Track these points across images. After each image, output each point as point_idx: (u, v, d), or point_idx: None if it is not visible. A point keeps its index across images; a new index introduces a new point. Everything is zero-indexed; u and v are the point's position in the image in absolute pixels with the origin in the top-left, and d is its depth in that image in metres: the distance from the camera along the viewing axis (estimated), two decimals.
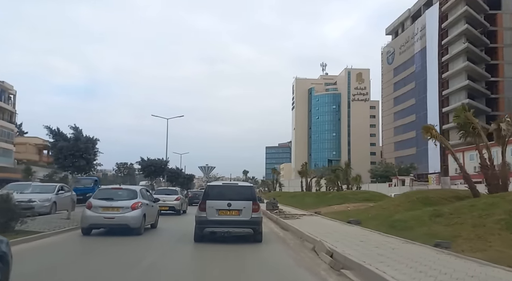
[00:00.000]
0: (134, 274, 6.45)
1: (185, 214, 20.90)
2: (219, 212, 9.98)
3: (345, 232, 11.18)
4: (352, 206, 19.32)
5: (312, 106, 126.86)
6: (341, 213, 17.01)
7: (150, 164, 36.33)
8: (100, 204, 11.38)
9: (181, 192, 23.65)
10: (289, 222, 14.17)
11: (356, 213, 15.87)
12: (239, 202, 10.05)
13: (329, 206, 21.09)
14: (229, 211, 10.00)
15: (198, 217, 10.12)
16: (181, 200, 21.41)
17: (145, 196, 12.84)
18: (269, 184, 64.54)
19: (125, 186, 15.04)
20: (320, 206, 22.43)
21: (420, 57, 74.34)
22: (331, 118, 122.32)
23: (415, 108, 75.40)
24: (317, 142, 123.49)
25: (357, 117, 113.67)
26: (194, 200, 26.98)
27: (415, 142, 75.11)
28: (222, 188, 10.76)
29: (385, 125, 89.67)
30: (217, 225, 10.12)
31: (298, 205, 24.43)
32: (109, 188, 13.82)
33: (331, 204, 21.29)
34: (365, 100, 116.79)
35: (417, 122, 74.00)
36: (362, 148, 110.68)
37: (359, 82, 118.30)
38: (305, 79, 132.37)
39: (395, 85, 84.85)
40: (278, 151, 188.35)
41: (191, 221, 10.77)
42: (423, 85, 72.06)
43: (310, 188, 41.71)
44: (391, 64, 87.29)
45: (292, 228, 12.63)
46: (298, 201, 28.96)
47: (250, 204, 10.11)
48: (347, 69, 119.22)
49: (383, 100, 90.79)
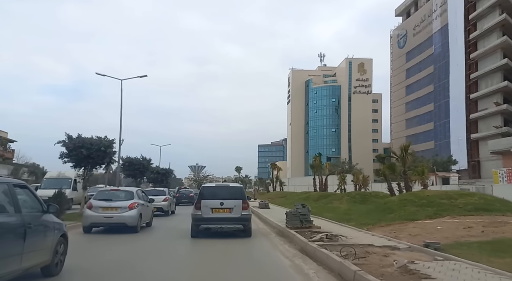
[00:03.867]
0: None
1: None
2: (212, 210, 11.06)
3: None
4: (475, 223, 8.89)
5: (309, 99, 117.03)
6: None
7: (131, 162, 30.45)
8: (100, 205, 12.28)
9: (169, 193, 23.19)
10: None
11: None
12: (230, 201, 11.13)
13: (411, 222, 10.56)
14: (221, 209, 11.09)
15: (194, 215, 11.23)
16: (169, 200, 21.27)
17: (141, 197, 13.62)
18: (268, 183, 53.76)
19: (123, 188, 16.26)
20: (382, 219, 11.94)
21: (440, 37, 64.44)
22: (330, 112, 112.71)
23: (433, 95, 65.48)
24: (314, 138, 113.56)
25: (358, 111, 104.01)
26: (182, 200, 27.33)
27: (433, 134, 65.25)
28: (215, 189, 11.87)
29: (394, 118, 79.60)
30: (211, 222, 11.09)
31: (335, 216, 13.95)
32: (108, 190, 14.76)
33: (413, 218, 10.71)
34: (367, 92, 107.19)
35: (436, 112, 64.18)
36: (364, 144, 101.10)
37: (361, 73, 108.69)
38: (302, 71, 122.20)
39: (408, 71, 74.93)
40: (271, 150, 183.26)
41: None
42: (444, 69, 62.12)
43: (325, 187, 31.31)
44: (403, 48, 77.34)
45: None
46: (329, 209, 18.53)
47: (240, 203, 11.18)
48: (348, 58, 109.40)
49: (393, 89, 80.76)
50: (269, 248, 9.38)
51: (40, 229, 5.62)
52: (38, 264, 5.56)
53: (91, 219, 12.04)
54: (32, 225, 5.23)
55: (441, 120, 62.30)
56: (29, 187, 5.85)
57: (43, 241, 5.63)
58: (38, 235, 5.49)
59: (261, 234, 12.05)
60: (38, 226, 5.53)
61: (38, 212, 5.77)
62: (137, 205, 12.35)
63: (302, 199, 28.60)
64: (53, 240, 5.93)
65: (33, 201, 5.79)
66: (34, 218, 5.52)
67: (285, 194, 42.16)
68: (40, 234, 5.56)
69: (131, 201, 12.36)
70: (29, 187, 5.85)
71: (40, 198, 5.97)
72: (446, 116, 60.69)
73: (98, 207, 12.12)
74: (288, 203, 27.74)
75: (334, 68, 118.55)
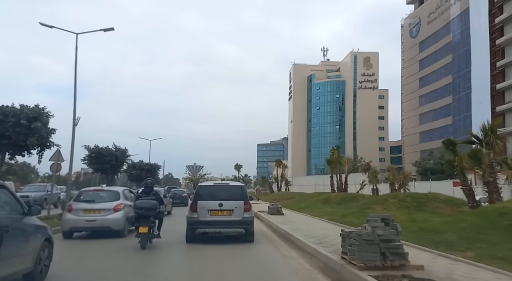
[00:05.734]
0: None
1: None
2: (210, 212, 9.75)
3: None
4: None
5: (312, 95, 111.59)
6: None
7: None
8: (81, 207, 11.05)
9: (165, 192, 21.58)
10: None
11: None
12: (230, 202, 9.84)
13: None
14: (220, 211, 9.78)
15: (190, 218, 9.88)
16: (165, 200, 17.67)
17: (128, 197, 12.28)
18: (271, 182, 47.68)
19: (107, 188, 14.61)
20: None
21: (459, 23, 58.82)
22: (334, 108, 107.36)
23: (452, 87, 59.81)
24: (317, 136, 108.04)
25: (364, 107, 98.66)
26: (174, 201, 25.34)
27: (451, 130, 59.48)
28: (213, 188, 10.47)
29: (406, 113, 73.75)
30: (208, 225, 9.89)
31: (408, 234, 7.99)
32: (91, 190, 12.85)
33: None
34: (373, 88, 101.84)
35: (455, 105, 58.54)
36: (370, 142, 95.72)
37: (366, 68, 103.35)
38: (304, 65, 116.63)
39: (422, 62, 69.21)
40: (271, 149, 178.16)
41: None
42: (464, 58, 56.51)
43: (345, 187, 25.60)
44: (416, 38, 71.61)
45: None
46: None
47: (242, 204, 9.89)
48: (353, 52, 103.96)
49: (404, 82, 74.94)
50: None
51: (20, 233, 5.16)
52: (18, 272, 5.08)
53: (71, 223, 10.90)
54: (10, 228, 4.80)
55: (461, 114, 56.65)
56: (7, 187, 5.42)
57: (24, 246, 5.18)
58: (17, 239, 5.04)
59: (294, 275, 6.24)
60: (17, 229, 5.07)
61: (17, 214, 5.34)
62: (123, 207, 11.22)
63: (319, 201, 22.87)
64: (36, 245, 5.48)
65: (12, 203, 5.36)
66: (13, 221, 5.09)
67: (292, 194, 36.44)
68: (19, 238, 5.12)
69: (117, 202, 11.23)
70: (7, 187, 5.42)
71: (20, 199, 5.54)
72: (467, 109, 55.05)
73: (79, 210, 10.97)
74: (302, 207, 22.02)
75: (337, 63, 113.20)
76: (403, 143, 75.54)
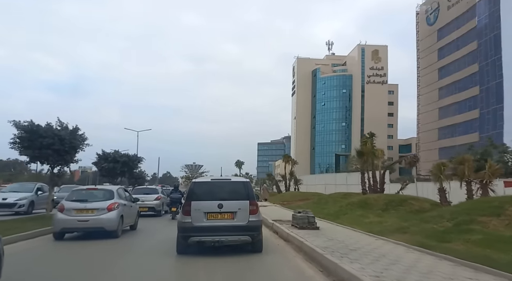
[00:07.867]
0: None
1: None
2: (207, 215, 7.86)
3: None
4: None
5: (317, 90, 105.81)
6: None
7: None
8: (73, 206, 10.62)
9: (162, 191, 21.01)
10: None
11: None
12: (232, 202, 7.94)
13: None
14: (220, 214, 7.88)
15: (182, 223, 7.92)
16: (162, 199, 19.59)
17: (123, 196, 12.03)
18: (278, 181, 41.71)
19: (101, 186, 14.15)
20: None
21: (486, 6, 52.79)
22: (340, 104, 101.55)
23: (478, 77, 53.76)
24: (322, 133, 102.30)
25: (372, 102, 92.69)
26: None
27: (477, 124, 53.52)
28: (211, 185, 8.38)
29: (423, 107, 67.57)
30: (205, 233, 7.74)
31: None
32: (84, 189, 12.49)
33: None
34: (382, 82, 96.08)
35: (483, 96, 52.46)
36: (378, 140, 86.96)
37: (375, 61, 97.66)
38: (309, 59, 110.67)
39: (441, 50, 63.19)
40: (271, 148, 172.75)
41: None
42: (494, 43, 50.48)
43: (381, 187, 19.60)
44: (433, 25, 65.59)
45: None
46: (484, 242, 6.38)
47: (247, 205, 7.95)
48: (361, 45, 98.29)
49: (420, 74, 68.82)
50: None
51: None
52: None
53: (63, 223, 10.34)
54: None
55: (490, 106, 50.63)
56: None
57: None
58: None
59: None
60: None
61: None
62: (117, 206, 10.81)
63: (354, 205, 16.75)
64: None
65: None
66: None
67: (306, 195, 30.50)
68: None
69: (111, 202, 10.82)
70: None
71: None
72: (498, 101, 49.04)
73: (71, 209, 10.46)
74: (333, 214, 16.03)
75: (344, 56, 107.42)
76: (418, 140, 69.44)
